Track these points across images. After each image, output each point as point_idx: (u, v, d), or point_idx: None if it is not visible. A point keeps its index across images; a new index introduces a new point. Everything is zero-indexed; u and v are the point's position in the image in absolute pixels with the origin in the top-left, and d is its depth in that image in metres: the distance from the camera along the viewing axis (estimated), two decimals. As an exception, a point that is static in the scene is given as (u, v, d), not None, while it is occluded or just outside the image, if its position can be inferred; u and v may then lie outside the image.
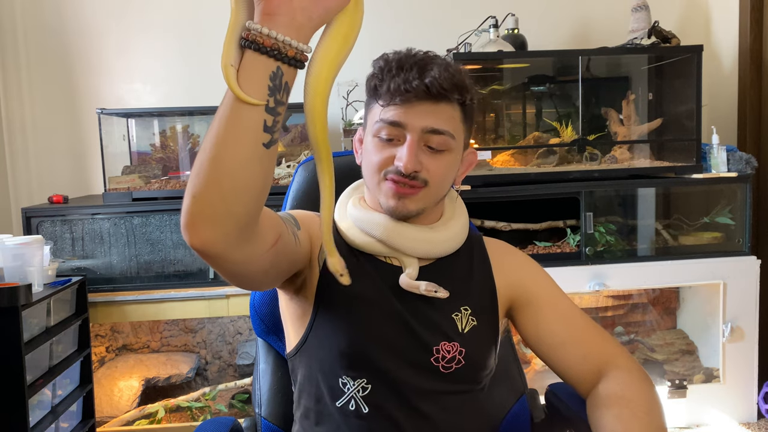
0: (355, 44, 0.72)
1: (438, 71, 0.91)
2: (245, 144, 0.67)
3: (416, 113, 0.92)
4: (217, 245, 0.69)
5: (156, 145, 2.51)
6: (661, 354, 2.46)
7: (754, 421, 2.33)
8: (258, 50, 0.65)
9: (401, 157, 0.92)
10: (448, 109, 0.94)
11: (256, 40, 0.65)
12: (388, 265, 1.00)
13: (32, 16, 2.53)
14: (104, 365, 2.37)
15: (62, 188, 2.49)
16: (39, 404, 1.78)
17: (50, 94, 2.56)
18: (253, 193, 0.69)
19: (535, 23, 2.61)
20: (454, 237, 1.02)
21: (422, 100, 0.92)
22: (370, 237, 0.99)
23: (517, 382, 1.23)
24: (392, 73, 0.93)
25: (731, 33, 2.62)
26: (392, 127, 0.93)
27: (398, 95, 0.92)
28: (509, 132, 2.61)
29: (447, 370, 0.95)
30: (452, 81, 0.92)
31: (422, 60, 0.93)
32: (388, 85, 0.92)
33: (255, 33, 0.65)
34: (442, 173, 0.96)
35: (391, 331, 0.95)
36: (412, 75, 0.91)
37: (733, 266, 2.28)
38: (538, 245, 2.30)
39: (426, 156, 0.94)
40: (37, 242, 1.79)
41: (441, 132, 0.93)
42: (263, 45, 0.65)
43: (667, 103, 2.49)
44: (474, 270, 1.04)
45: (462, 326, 0.97)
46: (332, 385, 0.95)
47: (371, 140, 0.97)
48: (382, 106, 0.94)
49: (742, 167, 2.30)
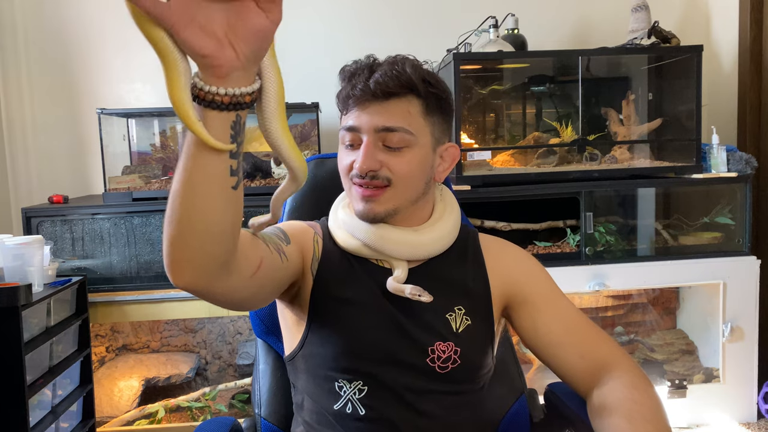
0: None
1: (383, 70, 0.94)
2: (215, 193, 0.67)
3: (368, 114, 0.95)
4: (200, 283, 0.72)
5: (156, 145, 2.51)
6: (661, 354, 2.46)
7: (754, 421, 2.33)
8: (217, 108, 0.63)
9: (357, 159, 0.95)
10: (401, 104, 0.95)
11: (214, 100, 0.63)
12: (380, 267, 1.01)
13: (32, 17, 2.53)
14: (104, 365, 2.38)
15: (62, 188, 2.49)
16: (39, 404, 1.78)
17: (50, 95, 2.56)
18: (228, 233, 0.70)
19: (535, 23, 2.61)
20: (441, 238, 1.02)
21: (371, 101, 0.94)
22: (359, 240, 1.00)
23: (516, 382, 1.23)
24: (345, 81, 0.97)
25: (731, 33, 2.62)
26: (350, 133, 0.97)
27: (350, 100, 0.96)
28: (509, 132, 2.61)
29: (443, 371, 0.95)
30: (398, 79, 0.93)
31: (373, 64, 0.97)
32: (344, 93, 0.97)
33: (212, 95, 0.62)
34: (406, 170, 0.96)
35: (385, 334, 0.95)
36: (360, 79, 0.95)
37: (733, 266, 2.28)
38: (538, 245, 2.30)
39: (385, 154, 0.95)
40: (37, 242, 1.79)
41: (394, 129, 0.94)
42: (222, 103, 0.63)
43: (667, 103, 2.49)
44: (467, 268, 1.04)
45: (456, 326, 0.97)
46: (329, 389, 0.95)
47: (341, 148, 1.00)
48: (344, 114, 0.99)
49: (742, 167, 2.29)
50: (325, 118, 2.50)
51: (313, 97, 2.38)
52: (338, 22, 2.63)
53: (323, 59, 2.59)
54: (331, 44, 2.60)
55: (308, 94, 2.47)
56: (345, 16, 2.63)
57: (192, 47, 0.60)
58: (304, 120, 2.48)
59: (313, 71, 2.58)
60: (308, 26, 2.61)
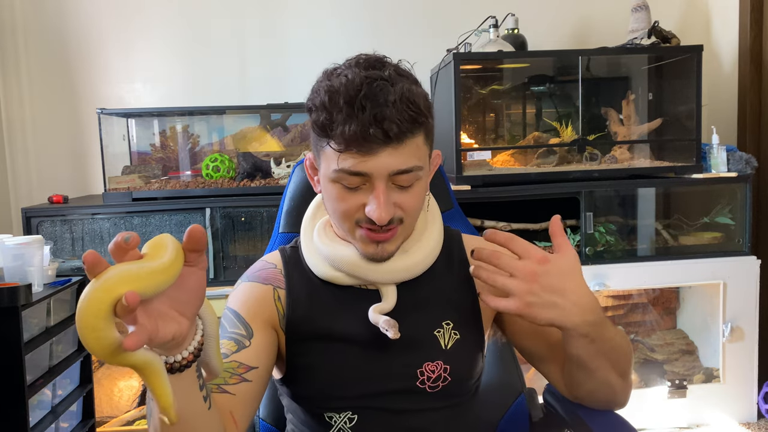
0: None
1: (394, 110, 0.81)
2: (197, 417, 0.72)
3: (380, 160, 0.83)
4: None
5: (156, 145, 2.51)
6: (661, 354, 2.46)
7: (754, 421, 2.32)
8: (186, 368, 0.68)
9: (372, 211, 0.85)
10: (411, 144, 0.85)
11: (182, 365, 0.67)
12: (364, 291, 0.95)
13: (32, 16, 2.53)
14: (104, 365, 2.37)
15: (62, 188, 2.49)
16: (39, 404, 1.78)
17: (50, 94, 2.56)
18: None
19: (535, 23, 2.61)
20: (429, 253, 0.96)
21: (383, 146, 0.82)
22: (341, 272, 0.94)
23: (515, 382, 1.23)
24: (342, 114, 0.82)
25: (731, 33, 2.62)
26: (354, 177, 0.85)
27: (354, 144, 0.82)
28: (509, 132, 2.61)
29: (434, 390, 0.93)
30: (411, 116, 0.83)
31: (372, 94, 0.81)
32: (342, 129, 0.82)
33: (178, 363, 0.67)
34: (416, 205, 0.90)
35: (371, 363, 0.92)
36: (366, 119, 0.80)
37: (733, 266, 2.28)
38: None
39: (397, 194, 0.87)
40: (37, 242, 1.79)
41: (409, 171, 0.85)
42: (189, 362, 0.68)
43: (667, 103, 2.49)
44: (453, 278, 0.99)
45: (445, 342, 0.94)
46: (319, 421, 0.93)
47: (331, 186, 0.88)
48: (338, 151, 0.84)
49: (742, 167, 2.29)
50: (325, 118, 2.50)
51: (313, 97, 2.38)
52: (338, 22, 2.63)
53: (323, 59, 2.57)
54: (331, 44, 2.60)
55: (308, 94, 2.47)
56: (345, 16, 2.63)
57: (165, 340, 0.62)
58: (304, 120, 2.49)
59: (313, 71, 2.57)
60: (308, 26, 2.61)
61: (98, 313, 0.55)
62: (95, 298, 0.56)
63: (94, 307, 0.55)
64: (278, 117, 2.49)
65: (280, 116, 2.49)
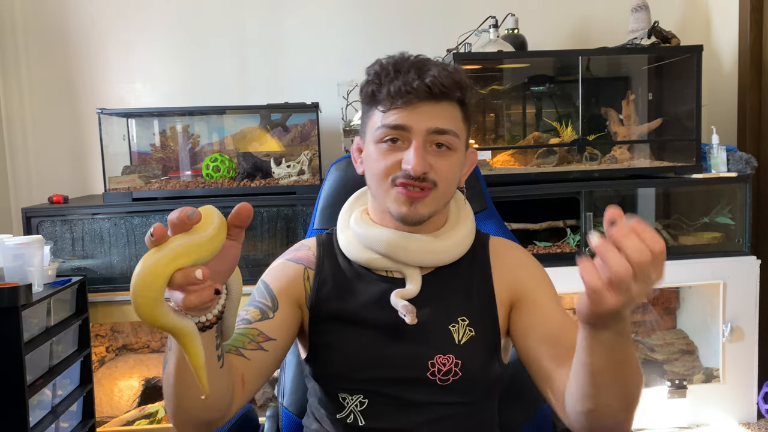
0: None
1: (437, 70, 0.91)
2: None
3: (420, 114, 0.91)
4: (205, 430, 0.82)
5: (156, 145, 2.51)
6: (661, 354, 2.46)
7: (754, 421, 2.33)
8: (209, 327, 0.72)
9: (409, 161, 0.91)
10: (449, 108, 0.93)
11: (205, 325, 0.71)
12: (388, 278, 0.99)
13: (32, 16, 2.53)
14: (104, 365, 2.37)
15: (62, 188, 2.49)
16: (39, 404, 1.79)
17: (50, 94, 2.56)
18: (219, 403, 0.79)
19: (535, 23, 2.61)
20: (459, 243, 1.00)
21: (424, 100, 0.91)
22: (373, 253, 0.98)
23: (536, 393, 1.19)
24: (390, 76, 0.92)
25: (731, 33, 2.62)
26: (396, 131, 0.92)
27: (399, 98, 0.90)
28: (509, 132, 2.61)
29: (444, 383, 0.94)
30: (452, 79, 0.91)
31: (419, 61, 0.93)
32: (387, 89, 0.91)
33: (201, 323, 0.70)
34: (450, 173, 0.95)
35: (384, 349, 0.94)
36: (411, 76, 0.90)
37: (733, 266, 2.28)
38: (538, 245, 2.30)
39: (433, 157, 0.93)
40: (37, 242, 1.79)
41: (446, 131, 0.92)
42: (212, 323, 0.71)
43: (667, 103, 2.49)
44: (474, 276, 1.01)
45: (459, 337, 0.96)
46: (333, 400, 0.97)
47: (374, 148, 0.95)
48: (383, 111, 0.93)
49: (742, 167, 2.29)
50: (324, 118, 2.50)
51: (313, 97, 2.38)
52: (338, 23, 2.63)
53: (323, 59, 2.59)
54: (331, 44, 2.60)
55: (308, 94, 2.48)
56: (345, 16, 2.63)
57: (202, 304, 0.65)
58: (304, 120, 2.49)
59: (313, 71, 2.58)
60: (308, 26, 2.61)
61: (158, 279, 0.60)
62: (161, 263, 0.60)
63: (159, 269, 0.60)
64: (278, 117, 2.49)
65: (280, 116, 2.49)
